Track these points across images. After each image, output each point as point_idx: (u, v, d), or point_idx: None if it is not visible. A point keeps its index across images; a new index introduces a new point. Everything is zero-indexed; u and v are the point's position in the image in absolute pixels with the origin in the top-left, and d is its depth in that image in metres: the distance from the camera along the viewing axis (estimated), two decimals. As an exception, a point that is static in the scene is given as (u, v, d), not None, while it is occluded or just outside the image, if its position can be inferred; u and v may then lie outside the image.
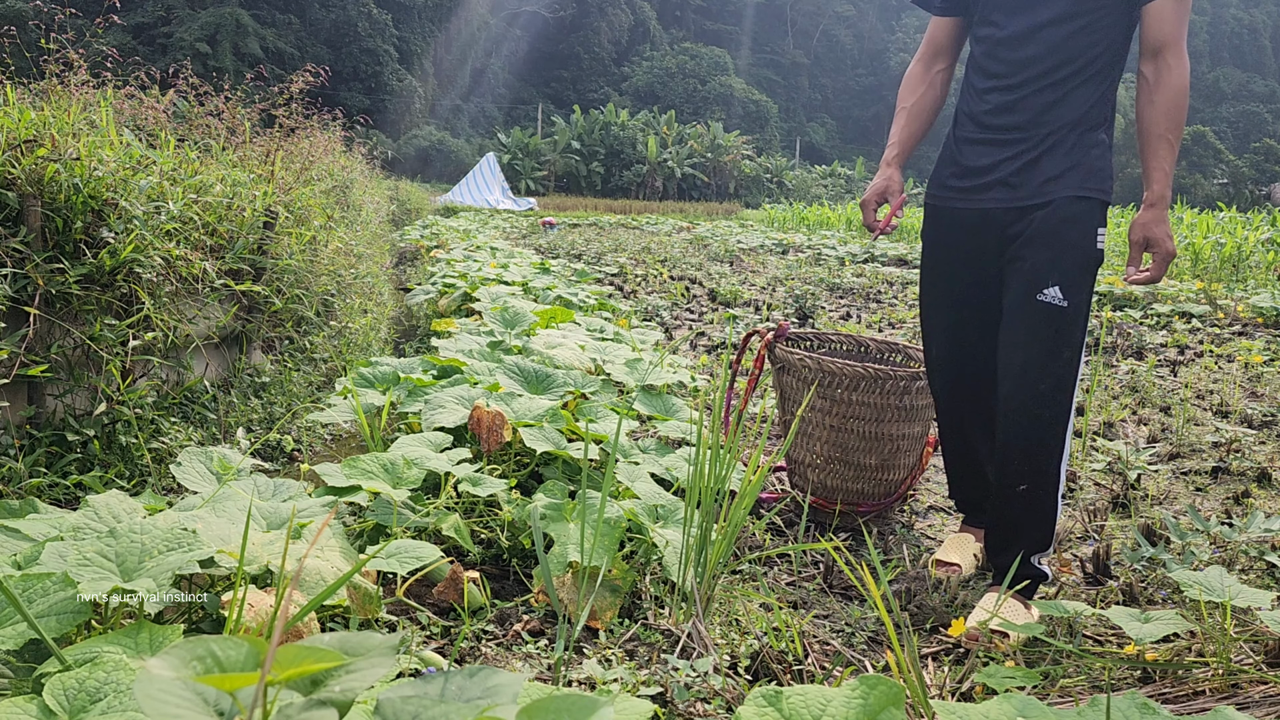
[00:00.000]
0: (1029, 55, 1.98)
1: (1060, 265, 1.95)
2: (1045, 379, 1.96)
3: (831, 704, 1.17)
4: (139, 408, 2.57)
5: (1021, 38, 1.99)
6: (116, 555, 1.44)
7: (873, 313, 6.86)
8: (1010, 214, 2.03)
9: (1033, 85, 1.98)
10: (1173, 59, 1.94)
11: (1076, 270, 1.95)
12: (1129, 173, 53.94)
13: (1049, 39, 1.96)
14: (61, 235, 2.41)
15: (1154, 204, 1.96)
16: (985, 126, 2.06)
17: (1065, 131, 1.98)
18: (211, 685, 0.86)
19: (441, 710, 0.94)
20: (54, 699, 1.08)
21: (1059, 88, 1.97)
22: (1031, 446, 1.98)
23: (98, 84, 3.66)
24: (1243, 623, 1.82)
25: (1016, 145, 2.01)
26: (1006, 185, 2.03)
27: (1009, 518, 2.05)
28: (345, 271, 5.00)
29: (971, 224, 2.10)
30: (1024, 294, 1.98)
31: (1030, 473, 1.99)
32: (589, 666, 1.57)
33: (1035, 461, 1.99)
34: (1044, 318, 1.95)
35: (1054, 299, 1.94)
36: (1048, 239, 1.97)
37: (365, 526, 2.02)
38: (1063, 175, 1.98)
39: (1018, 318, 1.99)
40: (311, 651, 0.87)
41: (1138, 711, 1.23)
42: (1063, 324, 1.94)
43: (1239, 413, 3.76)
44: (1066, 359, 1.97)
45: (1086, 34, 1.95)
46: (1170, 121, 1.94)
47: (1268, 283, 8.15)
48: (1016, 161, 2.01)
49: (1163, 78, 1.94)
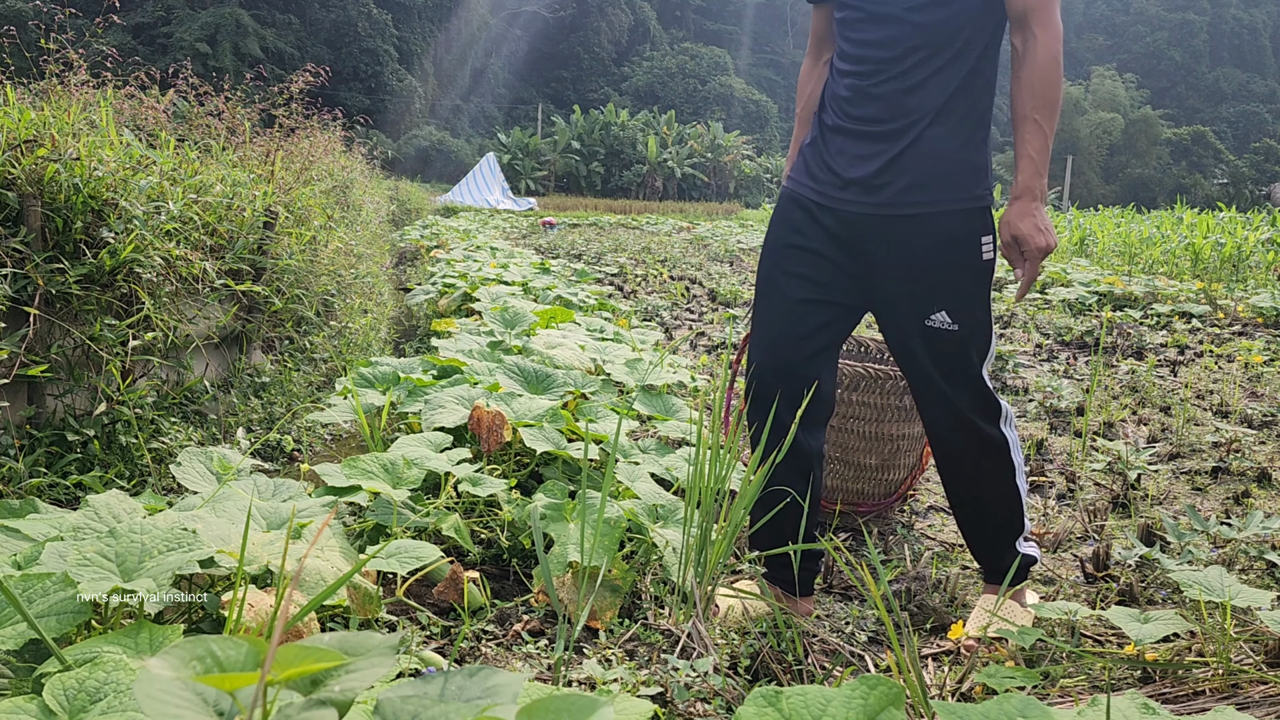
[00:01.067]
0: (882, 36, 1.78)
1: (945, 291, 1.81)
2: (963, 393, 1.86)
3: (831, 704, 1.17)
4: (139, 408, 2.57)
5: (874, 18, 1.79)
6: (116, 555, 1.44)
7: (873, 313, 6.86)
8: (871, 221, 1.81)
9: (887, 70, 1.78)
10: (1039, 28, 1.73)
11: (965, 290, 1.82)
12: (1129, 172, 53.92)
13: (902, 17, 1.75)
14: (61, 235, 2.41)
15: (1019, 196, 1.77)
16: (846, 115, 1.85)
17: (926, 125, 1.77)
18: (211, 685, 0.86)
19: (441, 710, 0.94)
20: (54, 699, 1.08)
21: (915, 72, 1.76)
22: (974, 456, 1.90)
23: (98, 84, 3.66)
24: (1243, 623, 1.82)
25: (876, 141, 1.80)
26: (866, 188, 1.81)
27: (976, 515, 1.99)
28: (345, 271, 5.00)
29: (826, 222, 1.87)
30: (910, 316, 1.84)
31: (982, 478, 1.93)
32: (589, 666, 1.57)
33: (982, 467, 1.92)
34: (938, 339, 1.83)
35: (943, 324, 1.81)
36: (927, 264, 1.80)
37: (365, 526, 2.02)
38: (931, 184, 1.77)
39: (911, 338, 1.85)
40: (311, 651, 0.87)
41: (1138, 711, 1.23)
42: (959, 342, 1.82)
43: (1239, 413, 3.77)
44: (976, 364, 1.86)
45: (942, 7, 1.74)
46: (1038, 99, 1.74)
47: (1268, 283, 8.15)
48: (876, 161, 1.80)
49: (1029, 49, 1.74)
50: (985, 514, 1.98)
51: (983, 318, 1.85)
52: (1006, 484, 1.94)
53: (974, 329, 1.83)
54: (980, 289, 1.83)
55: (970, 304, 1.82)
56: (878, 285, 1.86)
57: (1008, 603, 1.93)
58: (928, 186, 1.78)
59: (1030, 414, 3.81)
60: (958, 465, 1.94)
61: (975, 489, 1.95)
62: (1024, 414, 3.84)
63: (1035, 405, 3.87)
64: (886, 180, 1.79)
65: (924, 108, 1.77)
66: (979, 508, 1.98)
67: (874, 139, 1.81)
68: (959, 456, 1.93)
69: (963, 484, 1.96)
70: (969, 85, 1.79)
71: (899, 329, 1.87)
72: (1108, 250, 11.51)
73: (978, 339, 1.85)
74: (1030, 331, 6.01)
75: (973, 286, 1.82)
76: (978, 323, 1.84)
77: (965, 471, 1.94)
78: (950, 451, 1.93)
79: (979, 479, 1.94)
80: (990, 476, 1.93)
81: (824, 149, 1.89)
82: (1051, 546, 2.42)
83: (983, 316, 1.85)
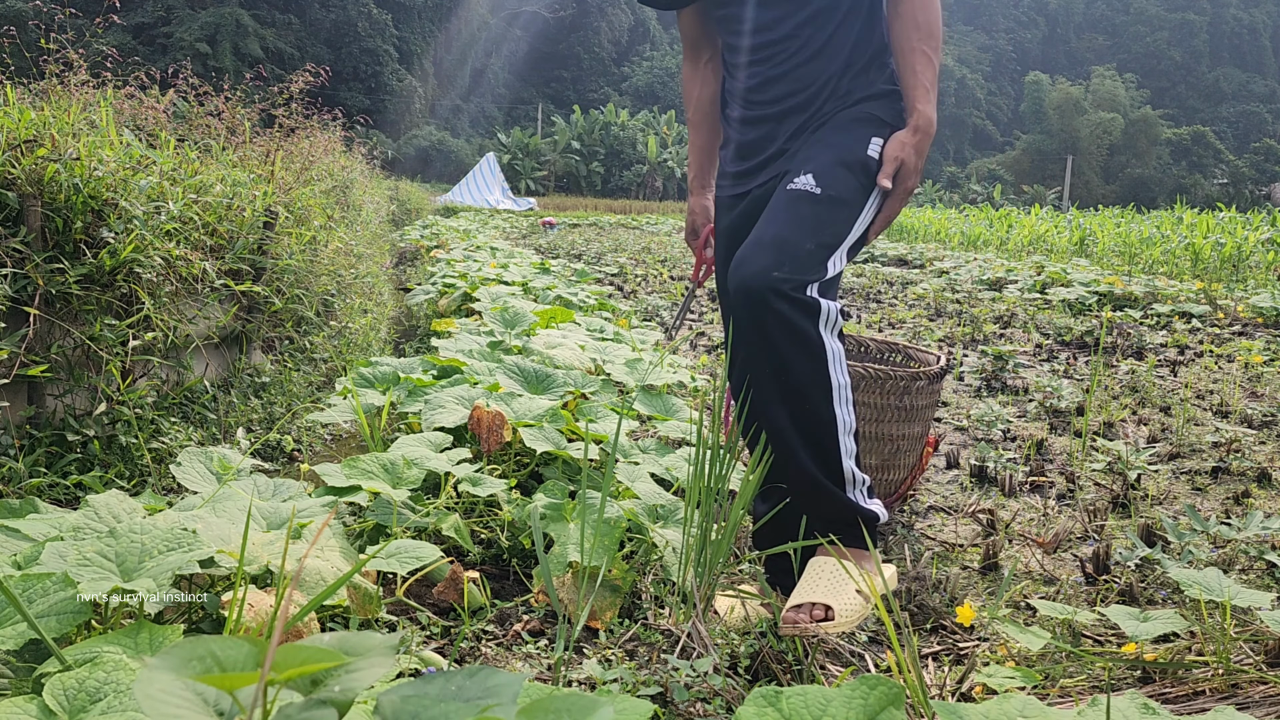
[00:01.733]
0: (771, 18, 1.76)
1: (819, 160, 1.71)
2: (787, 262, 1.60)
3: (832, 704, 1.17)
4: (139, 408, 2.57)
5: (759, 3, 1.75)
6: (116, 555, 1.44)
7: (872, 313, 6.86)
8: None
9: (785, 48, 1.76)
10: None
11: (840, 171, 1.70)
12: (1129, 172, 53.92)
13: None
14: (61, 235, 2.41)
15: (918, 126, 1.70)
16: (756, 104, 1.83)
17: (836, 81, 1.77)
18: (211, 685, 0.86)
19: (441, 710, 0.94)
20: (54, 699, 1.08)
21: (813, 42, 1.75)
22: (785, 350, 1.61)
23: (98, 84, 3.66)
24: (1243, 622, 1.82)
25: (796, 115, 1.79)
26: (783, 154, 1.81)
27: (781, 437, 1.67)
28: (345, 271, 5.00)
29: (750, 211, 1.85)
30: (778, 183, 1.76)
31: (791, 383, 1.63)
32: (589, 666, 1.57)
33: (792, 370, 1.61)
34: (794, 199, 1.68)
35: (806, 185, 1.68)
36: (813, 142, 1.76)
37: (365, 526, 2.02)
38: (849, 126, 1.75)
39: (770, 200, 1.74)
40: (311, 651, 0.87)
41: (1138, 712, 1.23)
42: (814, 202, 1.66)
43: (1239, 413, 3.77)
44: (820, 239, 1.65)
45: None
46: (922, 30, 1.70)
47: (1268, 283, 8.15)
48: (795, 139, 1.79)
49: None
50: (791, 437, 1.66)
51: (849, 200, 1.70)
52: (818, 403, 1.65)
53: (835, 204, 1.68)
54: (853, 176, 1.72)
55: (840, 182, 1.70)
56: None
57: (832, 567, 1.63)
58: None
59: (1030, 414, 3.82)
60: (761, 357, 1.64)
61: (785, 398, 1.65)
62: (1024, 414, 3.84)
63: (1035, 405, 3.87)
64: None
65: (829, 70, 1.77)
66: (788, 426, 1.66)
67: (791, 114, 1.81)
68: (764, 343, 1.63)
69: (768, 388, 1.66)
70: (866, 36, 1.79)
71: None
72: (1108, 250, 11.52)
73: (836, 215, 1.69)
74: (1030, 331, 6.01)
75: (848, 171, 1.71)
76: (841, 201, 1.69)
77: (770, 367, 1.64)
78: (752, 338, 1.64)
79: (787, 385, 1.64)
80: (801, 386, 1.64)
81: (742, 142, 1.88)
82: (1052, 547, 2.42)
83: (850, 199, 1.70)
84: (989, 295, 7.75)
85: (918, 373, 2.53)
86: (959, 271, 9.29)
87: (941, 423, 3.65)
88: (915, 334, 5.79)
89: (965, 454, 3.20)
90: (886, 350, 2.93)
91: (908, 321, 6.40)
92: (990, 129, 75.95)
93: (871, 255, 11.72)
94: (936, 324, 6.27)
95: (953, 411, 3.85)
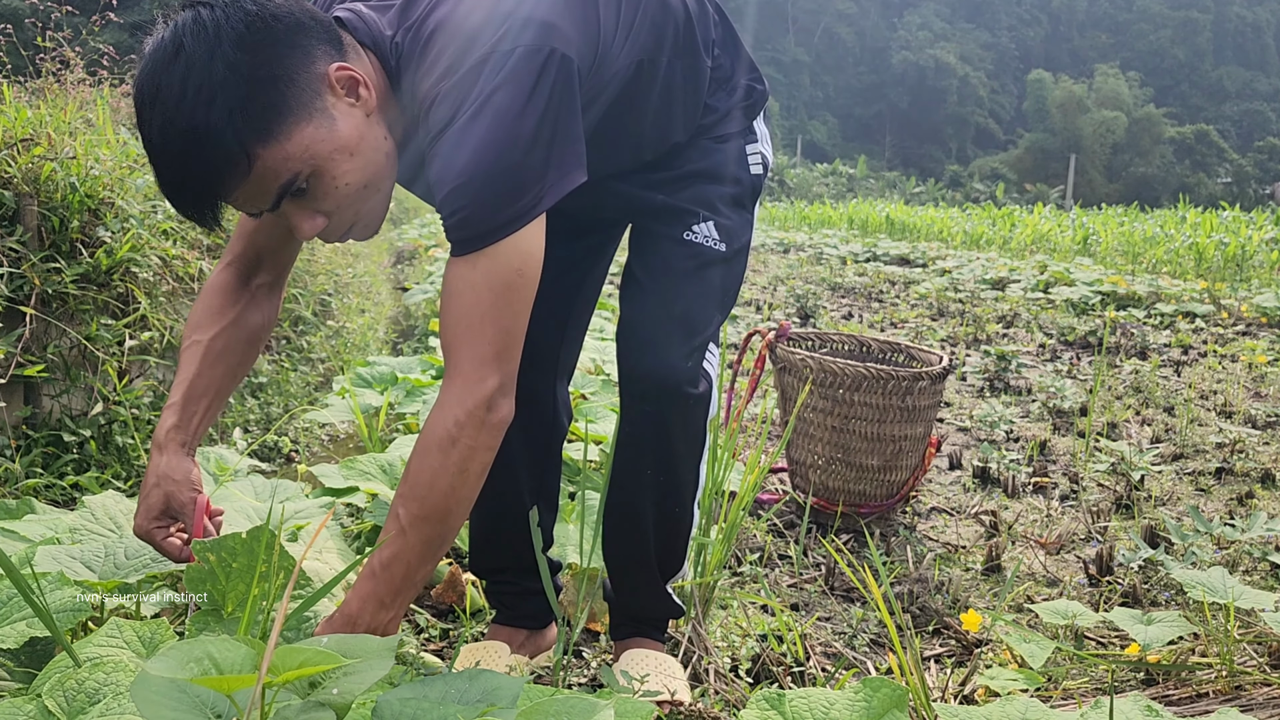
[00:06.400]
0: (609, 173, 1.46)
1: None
2: (696, 340, 1.43)
3: (835, 707, 1.16)
4: (136, 408, 2.56)
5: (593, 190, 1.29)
6: (114, 555, 1.43)
7: (875, 313, 6.85)
8: None
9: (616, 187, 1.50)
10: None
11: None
12: (1132, 171, 53.87)
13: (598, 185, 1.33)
14: (58, 234, 2.40)
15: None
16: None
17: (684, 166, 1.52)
18: (209, 687, 0.85)
19: (441, 713, 0.93)
20: (53, 699, 1.07)
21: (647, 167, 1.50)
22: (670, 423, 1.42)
23: (94, 82, 3.65)
24: (1246, 624, 1.81)
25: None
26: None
27: (635, 529, 1.50)
28: (342, 271, 5.00)
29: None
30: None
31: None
32: (589, 669, 1.56)
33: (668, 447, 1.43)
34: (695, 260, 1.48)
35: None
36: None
37: (363, 528, 2.01)
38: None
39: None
40: (309, 653, 0.86)
41: (1141, 714, 1.22)
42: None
43: (1243, 413, 3.75)
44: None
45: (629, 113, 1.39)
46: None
47: (1272, 282, 8.13)
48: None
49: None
50: (649, 539, 1.51)
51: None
52: (686, 502, 1.52)
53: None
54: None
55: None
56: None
57: (653, 655, 1.53)
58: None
59: (1033, 414, 3.80)
60: (649, 455, 1.45)
61: (660, 499, 1.49)
62: (1027, 414, 3.83)
63: (1038, 405, 3.86)
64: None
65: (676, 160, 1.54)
66: (650, 529, 1.50)
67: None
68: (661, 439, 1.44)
69: (644, 485, 1.47)
70: (689, 115, 1.52)
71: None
72: (1111, 250, 11.50)
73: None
74: (1033, 331, 6.00)
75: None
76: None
77: (654, 466, 1.46)
78: (646, 432, 1.44)
79: (666, 484, 1.48)
80: (678, 486, 1.49)
81: None
82: (1055, 548, 2.41)
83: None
84: (992, 295, 7.73)
85: (920, 373, 2.52)
86: (961, 271, 9.27)
87: (944, 423, 3.64)
88: (918, 334, 5.78)
89: (968, 455, 3.19)
90: (889, 350, 2.92)
91: (910, 321, 6.38)
92: (993, 127, 75.86)
93: (874, 255, 11.70)
94: (939, 324, 6.26)
95: (955, 412, 3.84)
